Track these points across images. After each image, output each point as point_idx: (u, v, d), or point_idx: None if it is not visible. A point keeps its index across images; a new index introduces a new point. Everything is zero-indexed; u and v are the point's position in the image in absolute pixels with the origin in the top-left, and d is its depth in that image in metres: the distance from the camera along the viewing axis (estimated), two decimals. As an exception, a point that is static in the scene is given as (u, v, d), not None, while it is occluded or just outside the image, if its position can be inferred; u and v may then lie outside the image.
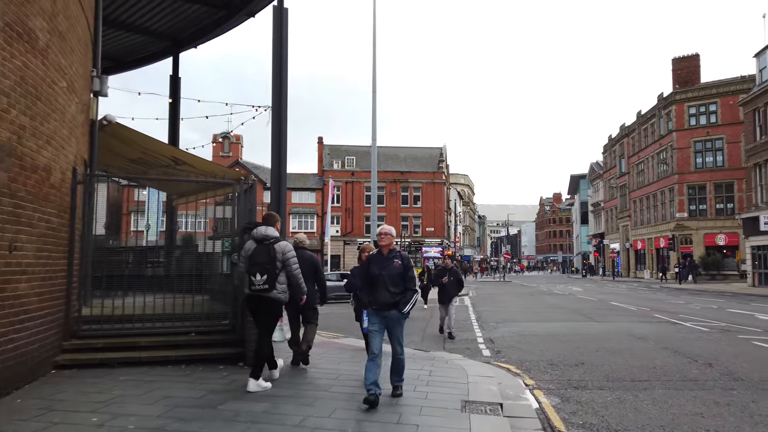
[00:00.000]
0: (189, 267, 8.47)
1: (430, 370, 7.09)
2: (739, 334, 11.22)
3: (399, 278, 5.35)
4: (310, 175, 61.25)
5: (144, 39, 15.06)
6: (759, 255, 31.45)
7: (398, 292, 5.33)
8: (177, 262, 9.06)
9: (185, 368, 6.64)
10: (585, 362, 8.27)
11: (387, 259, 5.43)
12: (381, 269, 5.35)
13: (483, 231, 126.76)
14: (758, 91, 31.48)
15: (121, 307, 7.18)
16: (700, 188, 41.95)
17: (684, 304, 19.59)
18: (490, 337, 11.30)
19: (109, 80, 16.05)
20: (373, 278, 5.38)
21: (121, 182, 17.13)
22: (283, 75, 10.75)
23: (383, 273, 5.32)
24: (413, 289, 5.39)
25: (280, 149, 10.74)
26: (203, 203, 9.03)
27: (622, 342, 10.28)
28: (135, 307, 7.20)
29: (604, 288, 34.04)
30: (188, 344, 7.15)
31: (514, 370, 7.79)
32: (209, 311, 7.53)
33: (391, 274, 5.33)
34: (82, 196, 7.15)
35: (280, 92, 10.80)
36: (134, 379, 5.94)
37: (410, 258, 5.66)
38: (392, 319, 5.36)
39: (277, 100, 10.88)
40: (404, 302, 5.32)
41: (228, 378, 6.20)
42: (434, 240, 58.59)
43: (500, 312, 17.31)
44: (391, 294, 5.30)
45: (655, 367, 7.78)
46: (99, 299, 7.54)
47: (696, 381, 6.90)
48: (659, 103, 46.17)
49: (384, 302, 5.31)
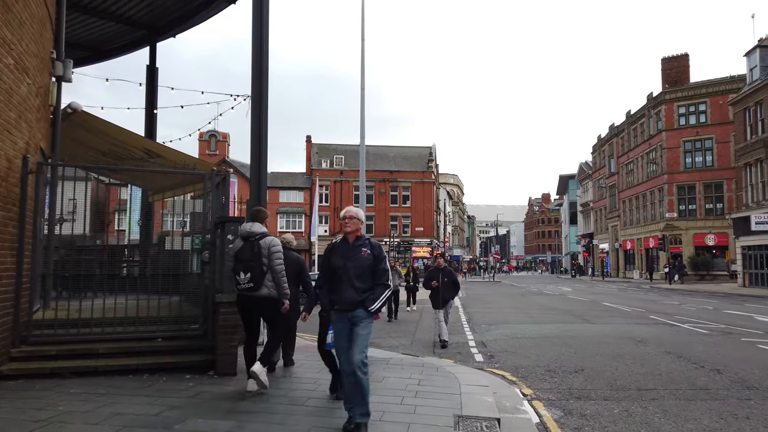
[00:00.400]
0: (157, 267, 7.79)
1: (419, 379, 6.49)
2: (742, 337, 10.75)
3: (367, 271, 4.40)
4: (299, 174, 60.47)
5: (120, 27, 14.33)
6: (749, 255, 31.27)
7: (366, 287, 4.38)
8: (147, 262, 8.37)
9: (148, 378, 5.98)
10: (585, 368, 7.71)
11: (353, 247, 4.48)
12: (345, 260, 4.41)
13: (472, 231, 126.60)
14: (749, 90, 31.31)
15: (83, 310, 6.50)
16: (689, 188, 41.83)
17: (678, 305, 19.20)
18: (482, 340, 10.74)
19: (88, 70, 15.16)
20: (336, 271, 4.42)
21: (105, 179, 16.39)
22: (264, 62, 10.08)
23: (348, 264, 4.37)
24: (384, 284, 4.43)
25: (260, 140, 10.06)
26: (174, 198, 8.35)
27: (621, 345, 9.76)
28: (97, 310, 6.50)
29: (594, 288, 33.70)
30: (153, 351, 6.48)
31: (510, 377, 7.22)
32: (177, 314, 6.87)
33: (357, 266, 4.38)
34: (35, 187, 6.46)
35: (261, 80, 10.12)
36: (86, 392, 5.27)
37: (382, 247, 4.61)
38: (357, 320, 4.35)
39: (257, 89, 10.20)
40: (372, 299, 4.35)
41: (193, 390, 5.54)
42: (423, 240, 58.07)
43: (491, 313, 16.76)
44: (357, 290, 4.35)
45: (661, 374, 7.24)
46: (65, 301, 6.87)
47: (707, 390, 6.37)
48: (649, 103, 46.03)
49: (349, 300, 4.34)
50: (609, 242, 56.99)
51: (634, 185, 49.61)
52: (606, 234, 58.11)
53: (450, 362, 8.16)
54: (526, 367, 7.88)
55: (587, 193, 68.37)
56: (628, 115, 51.63)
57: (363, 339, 4.31)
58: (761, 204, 29.85)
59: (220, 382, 5.90)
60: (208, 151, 58.52)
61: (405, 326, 13.44)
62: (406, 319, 14.87)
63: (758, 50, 30.89)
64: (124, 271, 8.94)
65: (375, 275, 4.43)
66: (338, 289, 4.41)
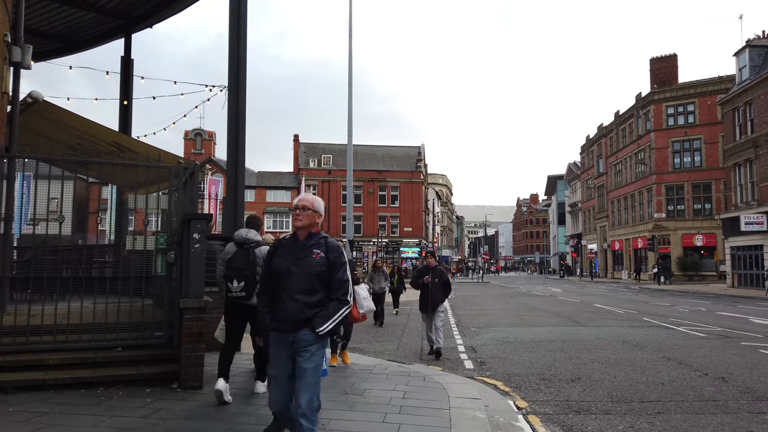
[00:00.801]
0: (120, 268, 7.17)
1: (404, 391, 5.94)
2: (741, 341, 10.34)
3: (318, 280, 3.32)
4: (286, 174, 59.77)
5: (94, 17, 13.66)
6: (738, 256, 31.16)
7: (315, 302, 3.31)
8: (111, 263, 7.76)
9: (102, 393, 5.36)
10: (582, 377, 7.22)
11: (303, 248, 3.39)
12: (291, 263, 3.34)
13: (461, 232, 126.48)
14: (738, 89, 31.21)
15: (35, 316, 5.86)
16: (677, 188, 41.78)
17: (670, 306, 18.86)
18: (472, 345, 10.23)
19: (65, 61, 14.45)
20: (278, 277, 3.38)
21: (84, 177, 15.62)
22: (241, 50, 9.49)
23: (293, 270, 3.32)
24: (341, 299, 3.34)
25: (237, 133, 9.47)
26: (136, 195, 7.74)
27: (617, 351, 9.29)
28: (50, 316, 5.87)
29: (583, 289, 33.41)
30: (111, 362, 5.86)
31: (502, 387, 6.70)
32: (140, 321, 6.25)
33: (305, 273, 3.31)
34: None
35: (238, 69, 9.54)
36: (27, 411, 4.65)
37: (341, 248, 3.49)
38: (301, 346, 3.26)
39: (234, 79, 9.61)
40: (323, 317, 3.28)
41: (151, 407, 4.94)
42: (412, 240, 57.61)
43: (481, 316, 16.27)
44: (303, 305, 3.27)
45: (663, 383, 6.76)
46: (26, 305, 6.22)
47: (715, 402, 5.89)
48: (637, 103, 45.96)
49: (290, 317, 3.28)
50: (597, 243, 56.92)
51: (622, 185, 49.54)
52: (594, 234, 58.05)
53: (438, 370, 7.63)
54: (519, 375, 7.37)
55: (576, 193, 68.34)
56: (616, 116, 51.57)
57: (311, 376, 3.25)
58: (750, 204, 29.74)
59: (183, 397, 5.30)
60: (193, 149, 57.62)
61: (392, 330, 12.90)
62: (393, 323, 14.33)
63: (747, 50, 30.80)
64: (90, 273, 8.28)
65: (330, 286, 3.35)
66: (278, 302, 3.36)
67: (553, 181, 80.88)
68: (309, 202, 3.47)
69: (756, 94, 29.42)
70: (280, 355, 3.35)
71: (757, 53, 30.57)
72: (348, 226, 16.68)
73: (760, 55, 30.44)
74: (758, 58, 30.36)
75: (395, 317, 15.74)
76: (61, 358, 5.69)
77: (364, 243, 51.22)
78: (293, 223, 3.49)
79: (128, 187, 12.72)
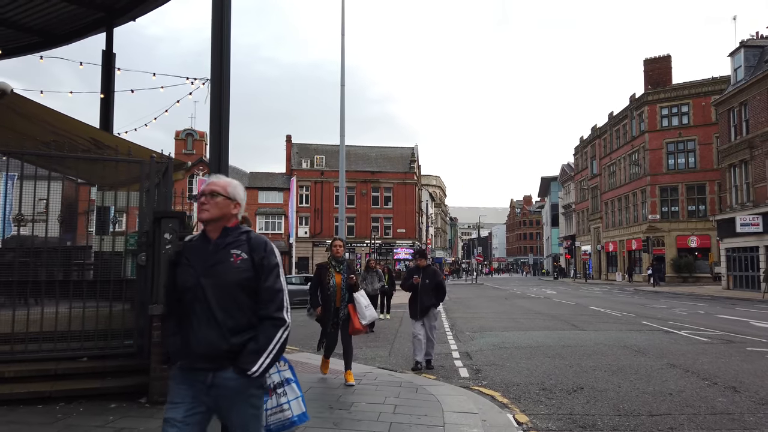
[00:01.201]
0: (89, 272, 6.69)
1: (394, 404, 5.48)
2: (747, 346, 9.95)
3: (242, 292, 2.37)
4: (278, 175, 59.15)
5: (75, 8, 13.12)
6: (734, 257, 30.93)
7: (240, 325, 2.34)
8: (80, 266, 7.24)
9: (61, 408, 4.87)
10: (584, 386, 6.78)
11: (215, 250, 2.43)
12: (200, 273, 2.37)
13: (454, 233, 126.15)
14: (733, 90, 31.02)
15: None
16: (672, 190, 41.60)
17: (667, 309, 18.50)
18: (466, 351, 9.78)
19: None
20: (185, 294, 2.39)
21: (73, 178, 15.04)
22: (225, 39, 8.99)
23: (203, 283, 2.35)
24: (275, 317, 2.36)
25: (221, 128, 8.97)
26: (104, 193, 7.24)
27: (619, 357, 8.87)
28: (7, 324, 5.37)
29: (578, 291, 33.08)
30: (74, 374, 5.37)
31: (500, 398, 6.24)
32: (107, 328, 5.75)
33: (221, 285, 2.35)
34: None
35: (221, 60, 9.03)
36: (-29, 432, 4.16)
37: (270, 245, 2.50)
38: (224, 394, 2.30)
39: (217, 70, 9.09)
40: (253, 351, 2.31)
41: (113, 425, 4.45)
42: (406, 241, 57.15)
43: (475, 319, 15.84)
44: (223, 332, 2.31)
45: (672, 394, 6.34)
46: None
47: (730, 415, 5.46)
48: (631, 104, 45.80)
49: (204, 350, 2.30)
50: (591, 244, 56.72)
51: (616, 187, 49.36)
52: (588, 236, 57.85)
53: (431, 379, 7.18)
54: (517, 385, 6.92)
55: (569, 194, 68.18)
56: (610, 117, 51.41)
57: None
58: (745, 205, 29.53)
59: (150, 414, 4.81)
60: (184, 150, 56.86)
61: (384, 334, 12.43)
62: (386, 327, 13.86)
63: (743, 50, 30.63)
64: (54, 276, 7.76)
65: (259, 301, 2.38)
66: (188, 329, 2.35)
67: (547, 183, 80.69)
68: (220, 186, 2.46)
69: (751, 94, 29.23)
70: (191, 403, 2.28)
71: (752, 53, 30.40)
72: (341, 228, 16.23)
73: (755, 55, 30.27)
74: (753, 59, 30.19)
75: (386, 322, 15.24)
76: (18, 371, 5.20)
77: (357, 244, 50.67)
78: (198, 216, 2.46)
79: (108, 186, 12.23)
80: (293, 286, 20.67)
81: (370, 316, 6.45)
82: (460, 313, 18.00)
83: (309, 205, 55.92)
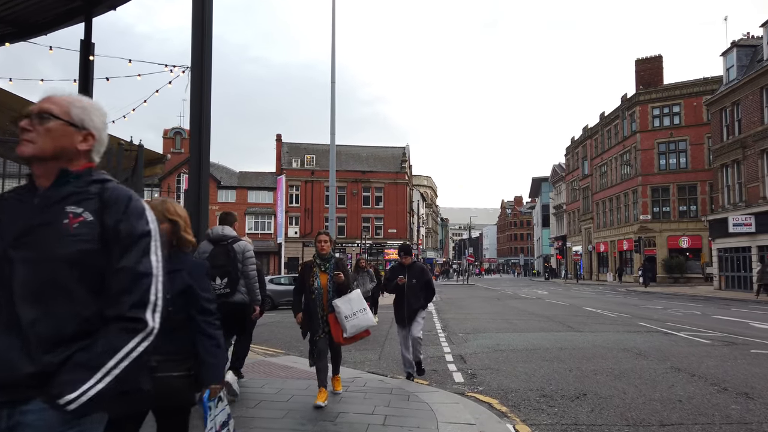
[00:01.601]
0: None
1: (384, 415, 5.02)
2: (750, 348, 9.60)
3: (73, 274, 1.40)
4: (268, 174, 58.46)
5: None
6: (726, 258, 30.82)
7: (61, 335, 1.37)
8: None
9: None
10: (587, 392, 6.36)
11: (41, 206, 1.47)
12: (11, 240, 1.42)
13: (446, 234, 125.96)
14: (725, 90, 30.91)
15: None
16: (663, 190, 41.52)
17: (662, 310, 18.20)
18: (460, 354, 9.35)
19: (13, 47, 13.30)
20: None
21: None
22: (206, 24, 8.51)
23: (12, 256, 1.40)
24: (130, 317, 1.41)
25: (201, 119, 8.47)
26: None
27: (620, 360, 8.47)
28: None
29: (570, 291, 32.82)
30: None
31: (498, 406, 5.81)
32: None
33: (40, 261, 1.40)
34: None
35: (202, 47, 8.54)
36: None
37: (140, 203, 1.52)
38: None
39: (198, 57, 8.59)
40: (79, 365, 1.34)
41: None
42: (397, 242, 56.67)
43: (469, 320, 15.42)
44: (28, 343, 1.34)
45: (681, 400, 5.93)
46: None
47: (747, 425, 5.06)
48: (623, 104, 45.71)
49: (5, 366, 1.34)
50: (582, 245, 56.63)
51: (607, 187, 49.27)
52: (579, 236, 57.76)
53: (424, 385, 6.72)
54: (516, 391, 6.49)
55: (560, 195, 68.12)
56: (602, 117, 51.34)
57: None
58: (738, 206, 29.40)
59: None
60: (173, 148, 55.98)
61: (373, 336, 11.89)
62: (375, 329, 13.35)
63: (735, 50, 30.52)
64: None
65: (106, 291, 1.44)
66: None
67: (538, 183, 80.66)
68: (56, 104, 1.52)
69: (744, 94, 29.12)
70: None
71: (745, 53, 30.31)
72: (331, 228, 15.79)
73: (748, 54, 30.18)
74: (746, 58, 30.09)
75: (377, 323, 14.75)
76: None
77: (347, 245, 50.16)
78: (21, 149, 1.49)
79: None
80: (281, 287, 20.10)
81: (352, 327, 5.39)
82: (452, 314, 17.57)
83: (299, 205, 55.38)
